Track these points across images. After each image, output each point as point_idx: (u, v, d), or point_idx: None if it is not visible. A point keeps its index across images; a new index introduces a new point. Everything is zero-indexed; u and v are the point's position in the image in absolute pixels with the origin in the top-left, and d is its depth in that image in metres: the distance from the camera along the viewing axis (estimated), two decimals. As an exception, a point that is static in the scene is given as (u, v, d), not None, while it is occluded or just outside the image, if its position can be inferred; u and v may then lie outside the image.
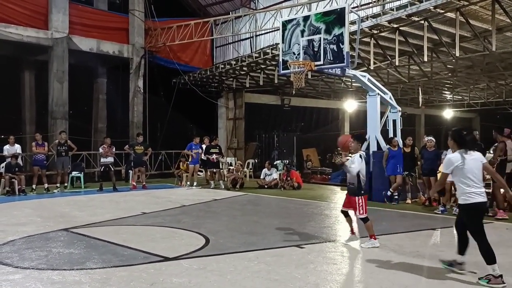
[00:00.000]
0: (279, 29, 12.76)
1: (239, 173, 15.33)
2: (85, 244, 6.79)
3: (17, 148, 13.57)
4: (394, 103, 12.83)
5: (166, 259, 5.98)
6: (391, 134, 12.48)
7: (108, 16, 19.32)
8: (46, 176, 13.81)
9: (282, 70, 12.03)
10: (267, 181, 15.15)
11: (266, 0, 20.62)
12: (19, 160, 13.51)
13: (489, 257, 4.94)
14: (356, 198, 6.63)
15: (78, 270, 5.48)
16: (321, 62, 11.04)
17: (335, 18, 10.81)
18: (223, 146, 19.72)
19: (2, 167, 13.26)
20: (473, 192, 5.04)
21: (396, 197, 11.36)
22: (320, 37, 11.03)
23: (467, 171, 5.07)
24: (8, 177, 12.84)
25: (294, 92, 15.20)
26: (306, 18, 11.47)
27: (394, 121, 12.75)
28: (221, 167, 16.26)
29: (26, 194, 12.87)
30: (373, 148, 12.11)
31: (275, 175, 15.33)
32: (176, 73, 19.80)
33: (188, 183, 15.21)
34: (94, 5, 19.58)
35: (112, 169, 14.38)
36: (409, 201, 11.58)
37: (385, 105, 12.86)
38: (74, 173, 14.79)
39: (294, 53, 11.66)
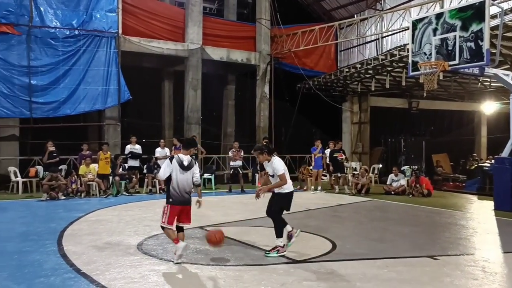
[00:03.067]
0: (408, 29, 12.27)
1: (364, 178, 14.98)
2: (219, 242, 7.22)
3: (167, 151, 14.99)
4: (544, 104, 11.46)
5: (294, 261, 6.11)
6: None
7: (237, 26, 20.33)
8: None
9: (412, 72, 11.52)
10: (394, 187, 14.57)
11: (394, -1, 19.90)
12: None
13: (280, 233, 6.51)
14: (165, 205, 6.20)
15: (213, 266, 5.89)
16: (456, 62, 10.34)
17: (473, 13, 10.05)
18: (347, 151, 19.47)
19: (145, 168, 14.73)
20: (289, 186, 6.78)
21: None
22: (455, 35, 10.34)
23: (286, 170, 6.85)
24: (150, 177, 14.25)
25: (424, 95, 14.33)
26: (439, 16, 10.84)
27: (544, 124, 11.39)
28: (345, 172, 16.10)
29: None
30: (518, 154, 10.97)
31: (403, 181, 14.68)
32: (301, 78, 20.06)
33: (313, 187, 15.30)
34: (224, 16, 20.81)
35: (241, 172, 15.11)
36: None
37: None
38: (205, 175, 15.80)
39: (425, 54, 11.10)
